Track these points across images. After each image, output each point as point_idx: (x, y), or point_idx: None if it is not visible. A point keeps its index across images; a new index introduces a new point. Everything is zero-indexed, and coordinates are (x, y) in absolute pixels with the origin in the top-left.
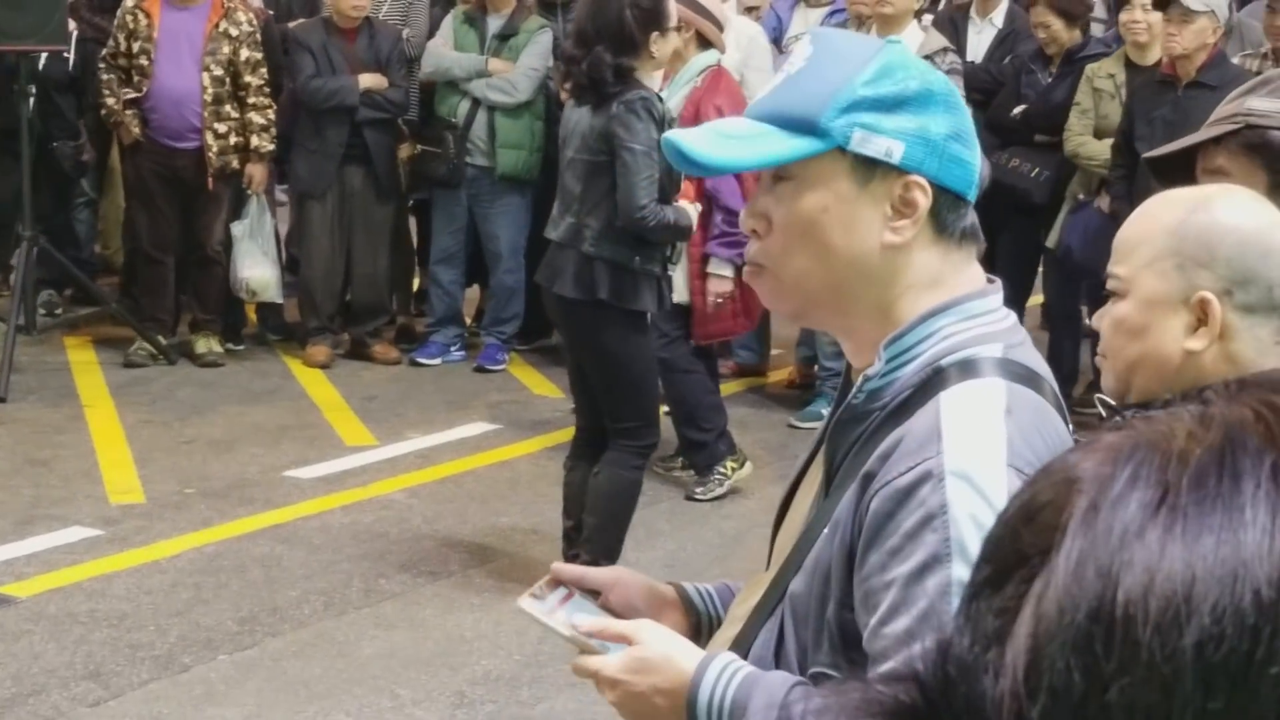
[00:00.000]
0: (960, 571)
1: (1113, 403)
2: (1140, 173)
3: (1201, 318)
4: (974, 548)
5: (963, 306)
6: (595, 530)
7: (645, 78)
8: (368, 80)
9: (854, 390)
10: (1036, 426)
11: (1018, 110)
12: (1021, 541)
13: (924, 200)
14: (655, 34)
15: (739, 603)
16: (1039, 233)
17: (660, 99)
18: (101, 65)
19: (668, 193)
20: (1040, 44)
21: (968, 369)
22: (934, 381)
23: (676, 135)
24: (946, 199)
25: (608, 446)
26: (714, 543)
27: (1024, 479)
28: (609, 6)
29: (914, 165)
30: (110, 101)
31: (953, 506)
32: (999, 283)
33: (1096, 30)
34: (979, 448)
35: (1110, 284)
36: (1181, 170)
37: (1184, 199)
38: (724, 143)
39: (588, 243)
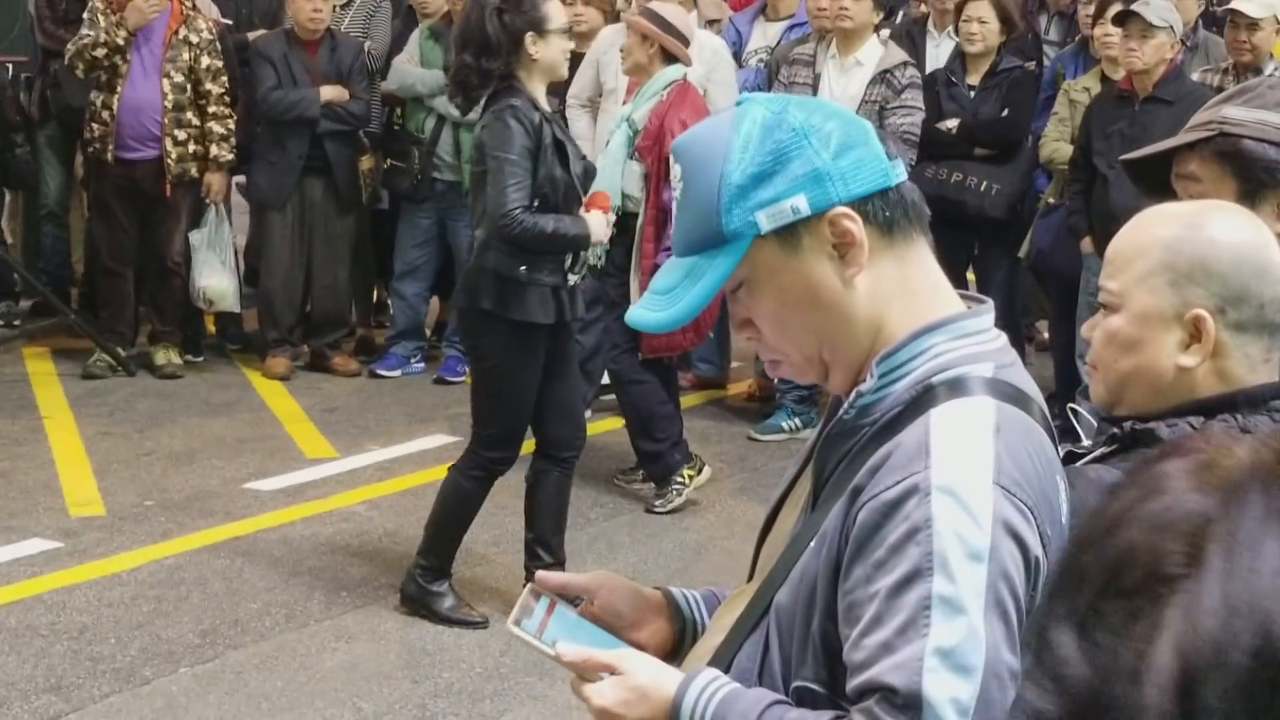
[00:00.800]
0: (941, 586)
1: (1083, 411)
2: (1098, 185)
3: (1195, 334)
4: (956, 562)
5: (954, 325)
6: (426, 532)
7: (532, 82)
8: (329, 93)
9: (845, 405)
10: (1025, 447)
11: (950, 124)
12: (1136, 577)
13: (854, 225)
14: (530, 35)
15: (721, 613)
16: (970, 245)
17: (536, 105)
18: (74, 58)
19: (554, 202)
20: (962, 40)
21: (958, 387)
22: (924, 399)
23: (630, 318)
24: (872, 204)
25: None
26: (674, 555)
27: (1009, 498)
28: (473, 12)
29: (825, 204)
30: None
31: (937, 521)
32: (990, 303)
33: (1049, 51)
34: (966, 464)
35: (1102, 297)
36: (1158, 176)
37: (1177, 215)
38: (664, 301)
39: (476, 253)
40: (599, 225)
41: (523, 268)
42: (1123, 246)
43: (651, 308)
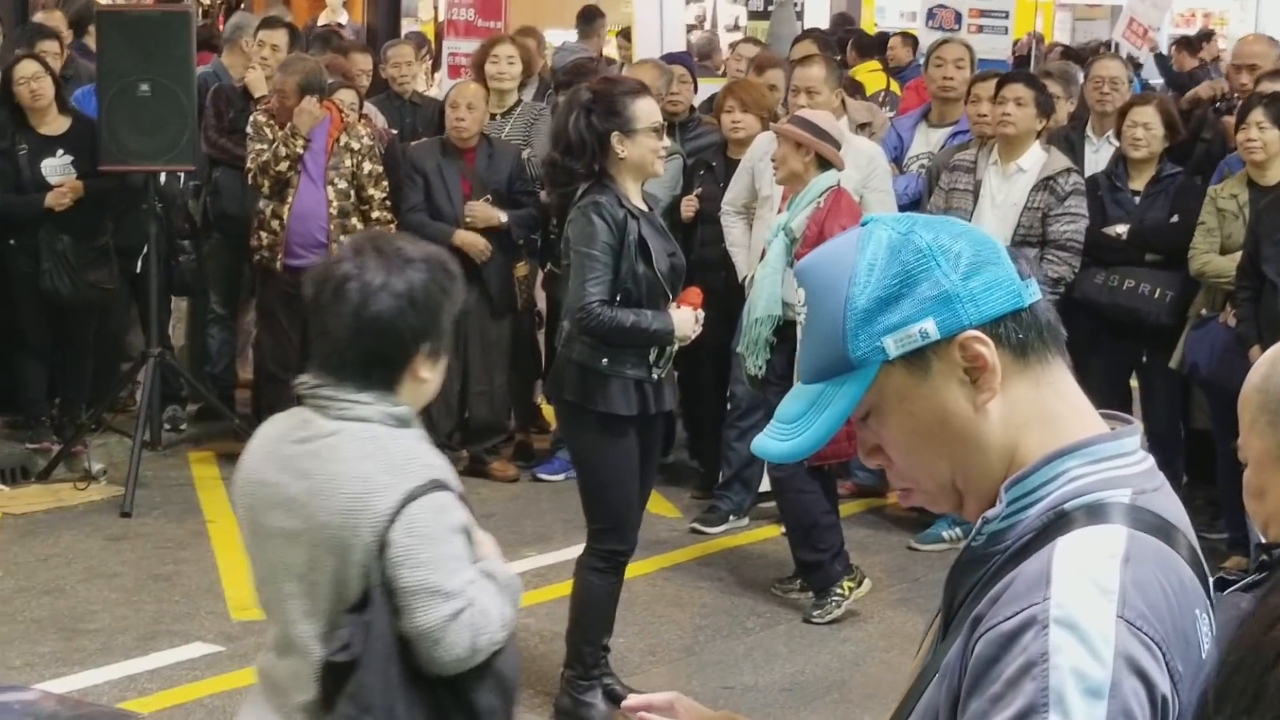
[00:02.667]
0: None
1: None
2: (1266, 292)
3: None
4: (1073, 700)
5: (1092, 449)
6: (567, 640)
7: (623, 179)
8: (478, 209)
9: (974, 532)
10: (1157, 578)
11: (1120, 230)
12: None
13: (986, 349)
14: (617, 135)
15: None
16: (1138, 353)
17: (622, 201)
18: (258, 174)
19: (637, 297)
20: (1126, 145)
21: (1091, 514)
22: (1056, 525)
23: (755, 448)
24: (1004, 326)
25: None
26: (832, 666)
27: (1134, 632)
28: (565, 111)
29: (955, 327)
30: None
31: (1054, 655)
32: (1136, 424)
33: None
34: (1088, 596)
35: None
36: None
37: (1269, 355)
38: (790, 430)
39: (563, 345)
40: (686, 321)
41: (604, 360)
42: (1240, 397)
43: (777, 437)
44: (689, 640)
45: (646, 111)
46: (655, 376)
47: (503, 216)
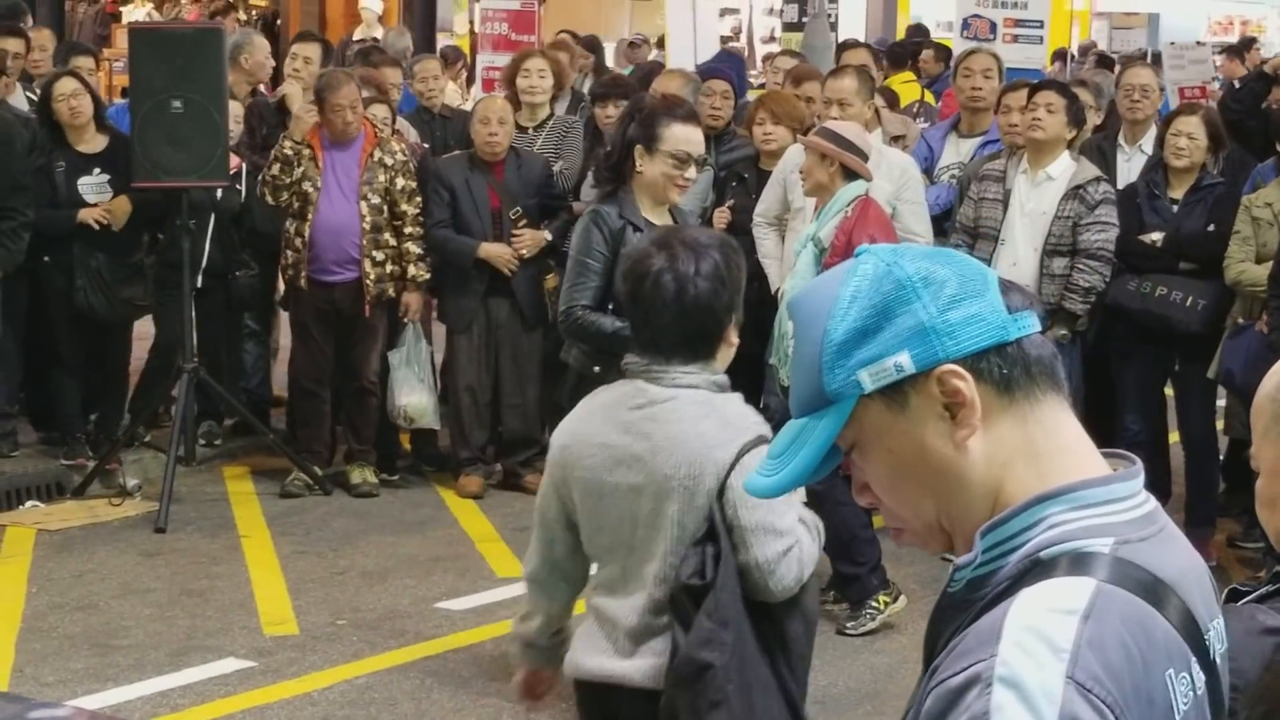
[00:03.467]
0: None
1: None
2: None
3: None
4: None
5: (1077, 494)
6: None
7: (638, 192)
8: (493, 250)
9: (949, 579)
10: (1120, 637)
11: (1155, 238)
12: None
13: (964, 384)
14: (640, 148)
15: None
16: (1170, 360)
17: (623, 213)
18: (263, 192)
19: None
20: (1168, 154)
21: (1065, 564)
22: (1030, 575)
23: (746, 485)
24: (986, 361)
25: None
26: (866, 677)
27: (1083, 694)
28: (623, 114)
29: (931, 361)
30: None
31: (995, 715)
32: (1138, 467)
33: None
34: (1037, 655)
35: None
36: None
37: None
38: (775, 466)
39: (564, 350)
40: None
41: (596, 368)
42: (1253, 405)
43: (764, 472)
44: None
45: (678, 137)
46: None
47: (548, 235)
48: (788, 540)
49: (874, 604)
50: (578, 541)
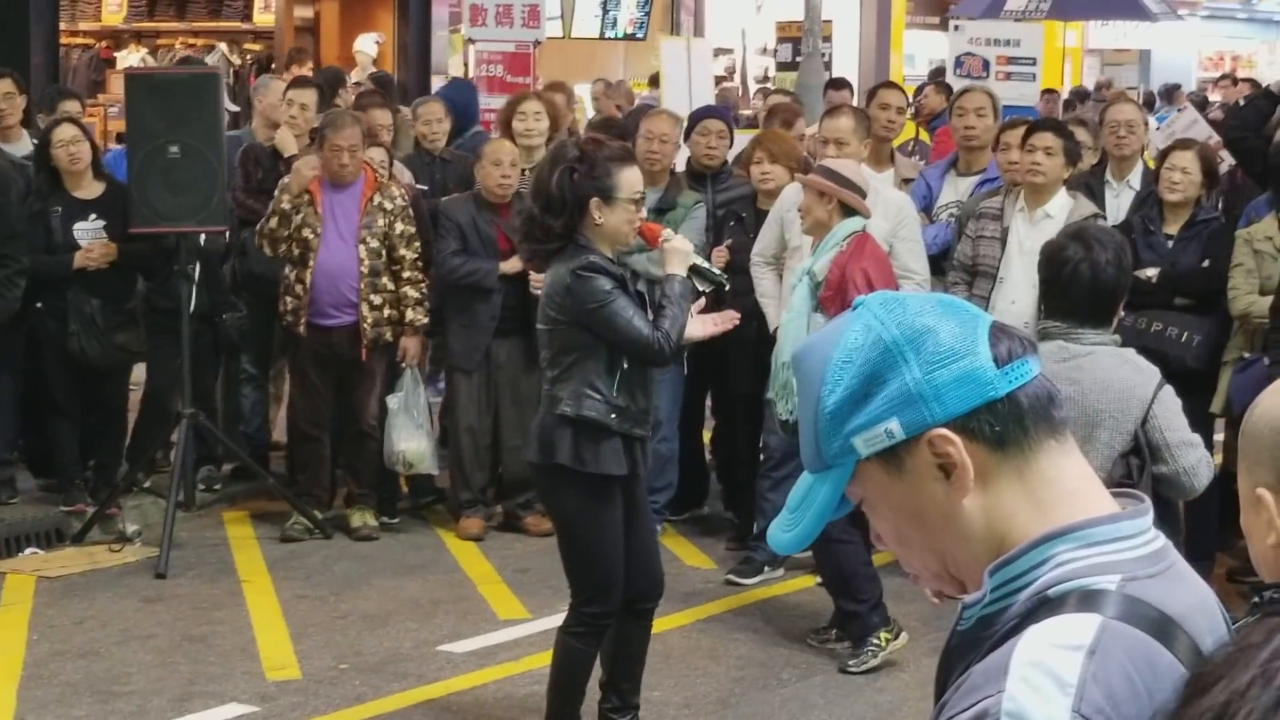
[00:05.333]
0: None
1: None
2: None
3: (1269, 516)
4: None
5: (1084, 533)
6: (547, 699)
7: (599, 244)
8: (513, 265)
9: (959, 616)
10: (1127, 672)
11: (1151, 273)
12: None
13: (954, 448)
14: (596, 200)
15: None
16: (1200, 395)
17: (611, 259)
18: (260, 244)
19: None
20: (1163, 189)
21: (1073, 601)
22: (1038, 612)
23: (769, 539)
24: (976, 420)
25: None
26: (868, 715)
27: None
28: (548, 166)
29: (920, 427)
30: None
31: None
32: (1146, 505)
33: None
34: (1043, 690)
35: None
36: None
37: (1258, 399)
38: (792, 521)
39: (546, 406)
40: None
41: (613, 415)
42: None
43: (783, 527)
44: (724, 693)
45: (629, 181)
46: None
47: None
48: (1200, 450)
49: (876, 641)
50: None
